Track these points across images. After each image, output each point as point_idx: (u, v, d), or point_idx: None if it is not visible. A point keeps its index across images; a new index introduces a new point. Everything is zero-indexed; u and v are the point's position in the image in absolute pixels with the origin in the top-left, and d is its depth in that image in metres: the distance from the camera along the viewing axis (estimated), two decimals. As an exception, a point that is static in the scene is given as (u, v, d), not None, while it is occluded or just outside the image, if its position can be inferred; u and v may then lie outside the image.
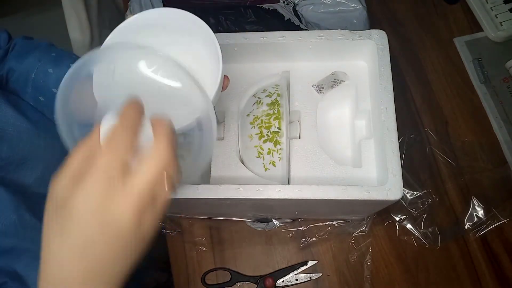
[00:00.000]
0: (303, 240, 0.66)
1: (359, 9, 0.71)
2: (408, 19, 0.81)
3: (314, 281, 0.64)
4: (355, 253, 0.65)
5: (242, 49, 0.54)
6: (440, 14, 0.81)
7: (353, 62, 0.56)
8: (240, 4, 0.75)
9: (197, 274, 0.66)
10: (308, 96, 0.55)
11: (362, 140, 0.52)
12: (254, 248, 0.67)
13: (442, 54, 0.77)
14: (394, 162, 0.45)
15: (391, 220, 0.66)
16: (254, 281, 0.64)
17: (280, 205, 0.52)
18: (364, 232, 0.65)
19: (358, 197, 0.44)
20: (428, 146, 0.71)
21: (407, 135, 0.71)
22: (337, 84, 0.55)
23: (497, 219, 0.65)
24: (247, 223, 0.67)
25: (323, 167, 0.52)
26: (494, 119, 0.71)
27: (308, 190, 0.45)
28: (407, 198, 0.66)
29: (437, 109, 0.73)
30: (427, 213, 0.66)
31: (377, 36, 0.51)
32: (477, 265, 0.64)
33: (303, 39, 0.52)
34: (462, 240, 0.65)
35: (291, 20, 0.75)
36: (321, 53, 0.55)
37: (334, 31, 0.52)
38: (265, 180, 0.51)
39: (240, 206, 0.53)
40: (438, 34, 0.79)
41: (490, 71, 0.74)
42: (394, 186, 0.44)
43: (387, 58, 0.50)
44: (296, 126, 0.53)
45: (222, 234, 0.68)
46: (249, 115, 0.54)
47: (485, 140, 0.71)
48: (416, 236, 0.65)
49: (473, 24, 0.79)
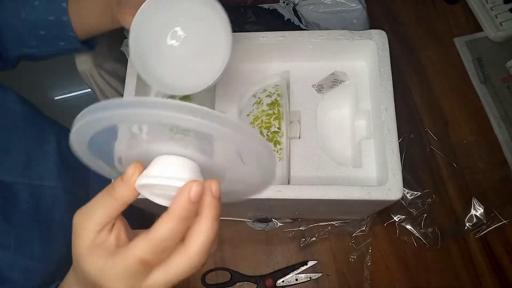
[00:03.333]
0: (303, 240, 0.66)
1: (359, 9, 0.71)
2: (408, 19, 0.81)
3: (314, 281, 0.64)
4: (355, 253, 0.65)
5: (242, 49, 0.54)
6: (440, 14, 0.81)
7: (353, 62, 0.56)
8: (240, 4, 0.75)
9: (197, 274, 0.66)
10: (308, 96, 0.55)
11: (362, 140, 0.52)
12: (254, 248, 0.67)
13: (442, 54, 0.77)
14: (394, 162, 0.45)
15: (391, 220, 0.66)
16: (254, 281, 0.64)
17: (280, 205, 0.52)
18: (364, 232, 0.65)
19: (358, 197, 0.44)
20: (428, 146, 0.71)
21: (407, 135, 0.71)
22: (337, 84, 0.55)
23: (497, 220, 0.65)
24: (247, 223, 0.67)
25: (323, 167, 0.52)
26: (494, 119, 0.71)
27: (308, 190, 0.45)
28: (407, 198, 0.66)
29: (437, 109, 0.73)
30: (427, 213, 0.66)
31: (377, 36, 0.51)
32: (477, 266, 0.64)
33: (303, 39, 0.52)
34: (462, 240, 0.65)
35: (291, 20, 0.75)
36: (321, 53, 0.55)
37: (334, 31, 0.52)
38: (265, 180, 0.51)
39: (240, 206, 0.53)
40: (438, 34, 0.79)
41: (490, 71, 0.74)
42: (394, 186, 0.44)
43: (387, 58, 0.50)
44: (296, 126, 0.53)
45: (222, 234, 0.68)
46: (249, 115, 0.54)
47: (485, 140, 0.71)
48: (416, 236, 0.65)
49: (473, 24, 0.79)
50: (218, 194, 0.26)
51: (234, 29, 0.42)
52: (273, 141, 0.52)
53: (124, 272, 0.26)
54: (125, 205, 0.28)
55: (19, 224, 0.45)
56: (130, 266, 0.26)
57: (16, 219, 0.45)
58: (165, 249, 0.26)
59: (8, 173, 0.47)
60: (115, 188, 0.27)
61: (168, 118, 0.23)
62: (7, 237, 0.43)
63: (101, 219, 0.27)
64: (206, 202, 0.26)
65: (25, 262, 0.45)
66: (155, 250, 0.25)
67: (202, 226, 0.26)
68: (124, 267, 0.26)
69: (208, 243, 0.26)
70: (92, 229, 0.27)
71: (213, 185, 0.26)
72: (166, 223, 0.25)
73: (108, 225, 0.28)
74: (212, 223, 0.26)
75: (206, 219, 0.26)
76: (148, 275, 0.27)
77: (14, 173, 0.47)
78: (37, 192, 0.49)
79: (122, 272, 0.26)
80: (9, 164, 0.47)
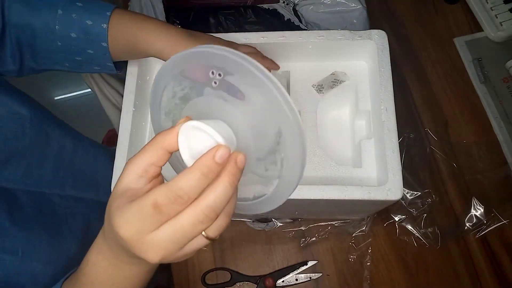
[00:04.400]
0: (303, 240, 0.66)
1: (359, 9, 0.71)
2: (408, 19, 0.81)
3: (314, 281, 0.64)
4: (355, 253, 0.65)
5: (242, 49, 0.54)
6: (440, 14, 0.81)
7: (353, 62, 0.56)
8: (240, 4, 0.75)
9: (197, 274, 0.66)
10: (308, 96, 0.55)
11: (362, 140, 0.52)
12: (254, 248, 0.67)
13: (442, 54, 0.77)
14: (394, 162, 0.45)
15: (391, 220, 0.66)
16: (254, 281, 0.64)
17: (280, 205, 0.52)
18: (364, 232, 0.65)
19: (358, 197, 0.44)
20: (428, 146, 0.71)
21: (407, 135, 0.71)
22: (337, 84, 0.55)
23: (497, 220, 0.65)
24: (247, 223, 0.67)
25: (323, 167, 0.52)
26: (494, 119, 0.71)
27: (308, 190, 0.45)
28: (407, 198, 0.66)
29: (437, 109, 0.73)
30: (427, 213, 0.66)
31: (377, 36, 0.51)
32: (477, 266, 0.64)
33: (303, 39, 0.52)
34: (462, 240, 0.65)
35: (291, 20, 0.75)
36: (321, 53, 0.55)
37: (334, 31, 0.52)
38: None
39: (240, 206, 0.53)
40: (438, 34, 0.79)
41: (490, 71, 0.74)
42: (394, 186, 0.44)
43: (387, 58, 0.50)
44: (296, 126, 0.53)
45: (222, 234, 0.67)
46: (249, 115, 0.54)
47: (485, 140, 0.71)
48: (416, 236, 0.65)
49: (473, 24, 0.79)
50: (241, 165, 0.27)
51: (234, 29, 0.41)
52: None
53: (136, 213, 0.27)
54: (164, 150, 0.28)
55: (26, 229, 0.45)
56: (142, 208, 0.26)
57: (23, 224, 0.45)
58: (179, 198, 0.26)
59: (7, 179, 0.47)
60: (161, 135, 0.28)
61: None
62: (15, 242, 0.43)
63: (143, 163, 0.28)
64: (228, 167, 0.27)
65: (32, 266, 0.45)
66: (170, 196, 0.26)
67: (216, 185, 0.27)
68: (137, 208, 0.26)
69: (218, 204, 0.27)
70: (133, 171, 0.28)
71: (240, 156, 0.27)
72: (187, 173, 0.26)
73: (149, 173, 0.28)
74: (227, 186, 0.27)
75: (223, 181, 0.27)
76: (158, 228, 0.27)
77: (14, 179, 0.47)
78: (37, 198, 0.49)
79: (134, 213, 0.27)
80: (9, 171, 0.47)
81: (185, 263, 0.67)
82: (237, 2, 0.74)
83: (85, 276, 0.34)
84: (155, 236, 0.27)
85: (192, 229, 0.27)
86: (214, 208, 0.27)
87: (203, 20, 0.75)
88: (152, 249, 0.27)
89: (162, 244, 0.27)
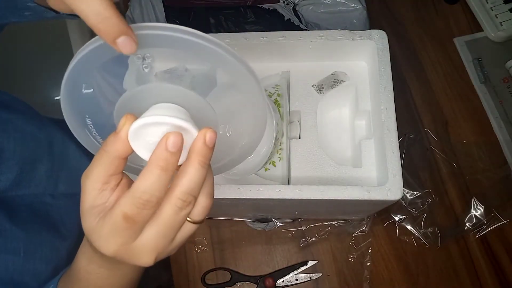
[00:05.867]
0: (303, 240, 0.66)
1: (359, 9, 0.71)
2: (408, 19, 0.81)
3: (314, 281, 0.64)
4: (355, 253, 0.65)
5: (242, 49, 0.54)
6: (440, 14, 0.81)
7: (353, 62, 0.56)
8: (240, 4, 0.75)
9: (197, 274, 0.66)
10: (308, 96, 0.55)
11: (362, 140, 0.52)
12: (254, 248, 0.67)
13: (442, 54, 0.77)
14: (394, 162, 0.45)
15: (391, 220, 0.66)
16: (254, 281, 0.64)
17: (280, 205, 0.52)
18: (364, 232, 0.65)
19: (358, 197, 0.44)
20: (428, 146, 0.71)
21: (407, 135, 0.71)
22: (337, 84, 0.55)
23: (497, 220, 0.65)
24: (247, 223, 0.67)
25: (323, 167, 0.52)
26: (494, 119, 0.71)
27: (308, 190, 0.45)
28: (407, 198, 0.66)
29: (437, 109, 0.73)
30: (427, 213, 0.66)
31: (377, 36, 0.51)
32: (477, 266, 0.64)
33: (303, 39, 0.52)
34: (462, 240, 0.65)
35: (291, 20, 0.75)
36: (321, 53, 0.55)
37: (334, 31, 0.52)
38: (266, 180, 0.51)
39: (240, 206, 0.53)
40: (438, 34, 0.79)
41: (490, 71, 0.74)
42: (394, 186, 0.44)
43: (387, 58, 0.50)
44: (296, 126, 0.53)
45: (222, 234, 0.68)
46: (249, 115, 0.54)
47: (485, 140, 0.71)
48: (416, 236, 0.65)
49: (473, 24, 0.79)
50: (211, 143, 0.25)
51: (234, 29, 0.41)
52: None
53: (111, 230, 0.25)
54: (119, 159, 0.26)
55: (26, 229, 0.45)
56: (115, 224, 0.25)
57: (22, 225, 0.45)
58: (147, 203, 0.25)
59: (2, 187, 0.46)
60: (107, 143, 0.26)
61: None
62: (17, 243, 0.43)
63: (98, 177, 0.26)
64: (196, 148, 0.25)
65: (35, 265, 0.45)
66: (136, 204, 0.24)
67: (187, 168, 0.25)
68: (110, 226, 0.25)
69: (193, 187, 0.25)
70: (91, 187, 0.27)
71: (208, 133, 0.25)
72: (146, 173, 0.25)
73: (110, 184, 0.27)
74: (198, 168, 0.25)
75: (193, 163, 0.25)
76: (141, 234, 0.26)
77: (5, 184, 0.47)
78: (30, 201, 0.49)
79: (109, 231, 0.25)
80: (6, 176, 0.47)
81: (185, 263, 0.67)
82: (237, 2, 0.74)
83: (81, 281, 0.33)
84: (141, 241, 0.26)
85: (175, 220, 0.26)
86: (190, 192, 0.25)
87: (203, 20, 0.75)
88: (144, 254, 0.27)
89: (151, 245, 0.26)
